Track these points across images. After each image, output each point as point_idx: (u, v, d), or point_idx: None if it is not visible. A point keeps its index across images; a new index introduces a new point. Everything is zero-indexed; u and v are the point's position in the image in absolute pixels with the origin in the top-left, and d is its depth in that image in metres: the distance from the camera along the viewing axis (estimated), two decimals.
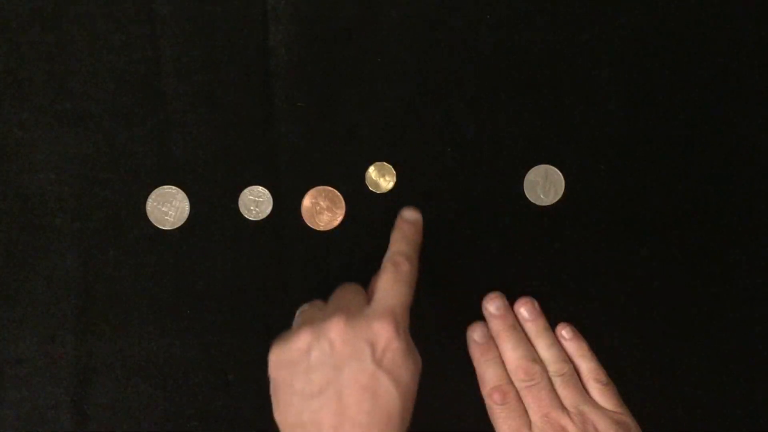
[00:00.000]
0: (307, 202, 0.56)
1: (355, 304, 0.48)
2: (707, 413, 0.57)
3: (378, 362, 0.45)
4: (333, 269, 0.56)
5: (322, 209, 0.56)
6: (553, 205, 0.56)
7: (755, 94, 0.57)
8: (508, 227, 0.56)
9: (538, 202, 0.56)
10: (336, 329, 0.46)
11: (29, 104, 0.55)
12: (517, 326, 0.54)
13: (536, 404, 0.51)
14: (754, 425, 0.57)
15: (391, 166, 0.56)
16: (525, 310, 0.54)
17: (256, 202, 0.55)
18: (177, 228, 0.55)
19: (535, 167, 0.56)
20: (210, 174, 0.55)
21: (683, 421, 0.57)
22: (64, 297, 0.55)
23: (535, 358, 0.53)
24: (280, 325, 0.56)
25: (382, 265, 0.50)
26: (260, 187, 0.55)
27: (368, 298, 0.50)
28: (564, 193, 0.56)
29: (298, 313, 0.51)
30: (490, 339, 0.54)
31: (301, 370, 0.46)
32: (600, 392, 0.52)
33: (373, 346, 0.46)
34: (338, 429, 0.44)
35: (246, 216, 0.56)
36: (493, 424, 0.52)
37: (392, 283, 0.49)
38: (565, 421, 0.50)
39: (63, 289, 0.55)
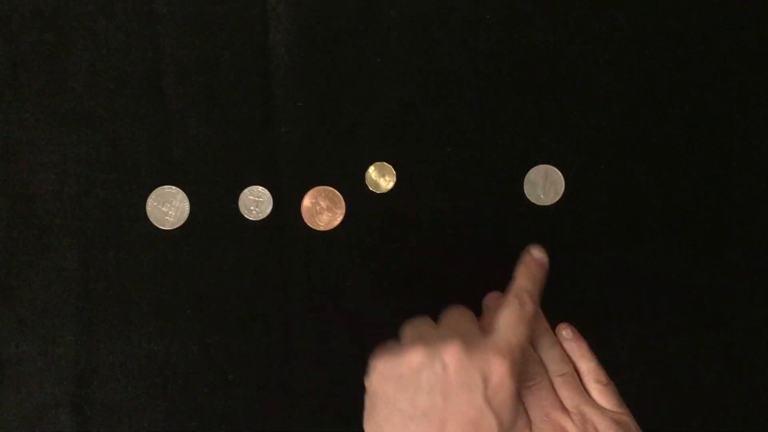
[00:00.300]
0: (307, 202, 0.56)
1: (470, 331, 0.46)
2: (707, 413, 0.57)
3: (488, 399, 0.43)
4: (333, 269, 0.56)
5: (322, 209, 0.56)
6: (553, 205, 0.56)
7: (755, 94, 0.57)
8: (508, 227, 0.56)
9: (538, 202, 0.56)
10: (452, 353, 0.43)
11: (29, 104, 0.55)
12: None
13: (536, 404, 0.51)
14: (754, 425, 0.57)
15: (391, 166, 0.56)
16: None
17: (256, 202, 0.55)
18: (177, 228, 0.55)
19: (535, 167, 0.56)
20: (210, 174, 0.55)
21: (683, 421, 0.57)
22: (64, 297, 0.55)
23: (535, 358, 0.53)
24: (279, 326, 0.56)
25: (507, 299, 0.47)
26: (260, 187, 0.55)
27: (481, 327, 0.47)
28: (564, 193, 0.56)
29: (407, 326, 0.48)
30: None
31: (408, 388, 0.44)
32: (600, 392, 0.52)
33: (486, 380, 0.43)
34: None
35: (246, 216, 0.56)
36: None
37: (516, 320, 0.46)
38: (565, 422, 0.50)
39: (63, 289, 0.55)
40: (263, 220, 0.56)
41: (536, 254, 0.51)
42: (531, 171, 0.56)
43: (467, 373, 0.43)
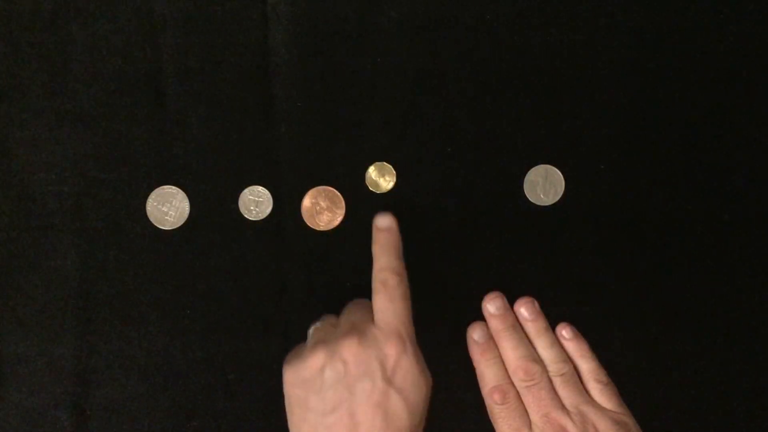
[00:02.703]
0: (307, 202, 0.56)
1: (366, 321, 0.49)
2: (707, 413, 0.57)
3: (388, 380, 0.47)
4: (333, 269, 0.56)
5: (322, 209, 0.56)
6: (553, 205, 0.56)
7: (755, 94, 0.57)
8: (508, 227, 0.56)
9: (538, 202, 0.56)
10: (349, 350, 0.47)
11: (29, 104, 0.55)
12: (517, 326, 0.54)
13: (536, 404, 0.51)
14: (754, 425, 0.57)
15: (391, 166, 0.56)
16: (525, 309, 0.55)
17: (256, 202, 0.55)
18: (177, 228, 0.55)
19: (535, 167, 0.56)
20: (210, 174, 0.55)
21: (683, 421, 0.57)
22: (64, 297, 0.55)
23: (535, 358, 0.53)
24: (279, 325, 0.56)
25: (373, 286, 0.51)
26: (260, 187, 0.55)
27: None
28: (564, 193, 0.56)
29: (311, 330, 0.52)
30: (490, 339, 0.54)
31: (315, 389, 0.47)
32: (600, 392, 0.52)
33: (383, 365, 0.47)
34: None
35: (246, 216, 0.56)
36: (493, 424, 0.52)
37: (387, 303, 0.49)
38: (565, 421, 0.50)
39: (63, 289, 0.55)
40: (263, 220, 0.56)
41: (380, 222, 0.53)
42: (531, 171, 0.56)
43: (365, 363, 0.47)
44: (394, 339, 0.48)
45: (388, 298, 0.49)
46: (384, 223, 0.53)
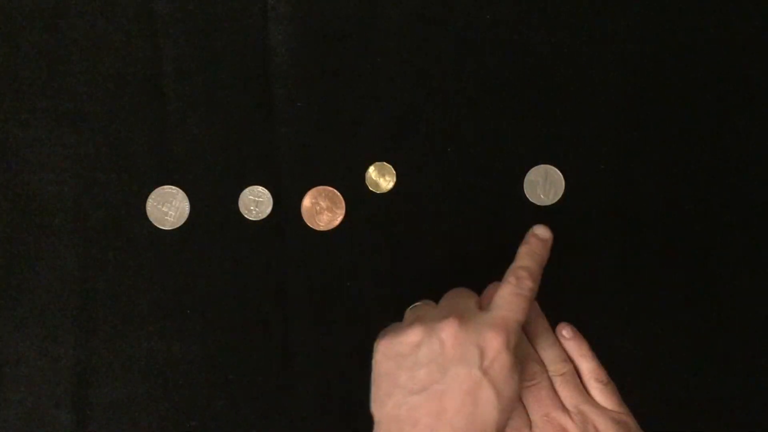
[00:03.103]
0: (307, 202, 0.56)
1: (468, 308, 0.48)
2: (707, 413, 0.57)
3: (485, 370, 0.45)
4: (333, 269, 0.56)
5: (322, 209, 0.56)
6: (553, 205, 0.56)
7: (755, 94, 0.57)
8: (508, 227, 0.56)
9: (538, 202, 0.56)
10: (448, 330, 0.45)
11: (29, 104, 0.55)
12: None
13: (536, 404, 0.51)
14: (754, 425, 0.57)
15: (391, 166, 0.56)
16: None
17: (256, 202, 0.55)
18: (177, 228, 0.55)
19: (535, 167, 0.56)
20: (210, 174, 0.55)
21: (683, 421, 0.57)
22: (64, 297, 0.55)
23: (535, 358, 0.53)
24: (279, 326, 0.56)
25: (505, 277, 0.49)
26: (260, 187, 0.55)
27: (481, 305, 0.49)
28: (564, 193, 0.56)
29: (409, 310, 0.50)
30: None
31: (408, 365, 0.45)
32: (600, 392, 0.52)
33: (482, 353, 0.45)
34: (433, 429, 0.44)
35: (246, 216, 0.56)
36: None
37: (512, 296, 0.48)
38: (565, 421, 0.50)
39: (63, 289, 0.55)
40: (263, 220, 0.56)
41: (539, 231, 0.52)
42: (531, 171, 0.56)
43: (463, 347, 0.45)
44: (501, 330, 0.46)
45: (514, 292, 0.48)
46: (544, 234, 0.52)
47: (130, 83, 0.55)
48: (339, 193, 0.56)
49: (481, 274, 0.56)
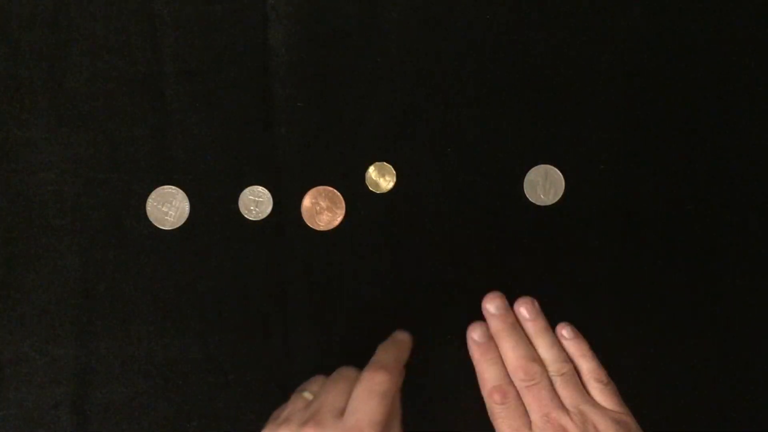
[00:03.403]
0: (307, 202, 0.56)
1: (334, 409, 0.47)
2: (707, 413, 0.57)
3: None
4: (333, 269, 0.56)
5: (322, 209, 0.56)
6: (553, 205, 0.56)
7: (755, 94, 0.57)
8: (508, 227, 0.56)
9: (538, 202, 0.56)
10: None
11: (29, 104, 0.55)
12: (517, 326, 0.54)
13: (536, 404, 0.51)
14: (754, 425, 0.57)
15: (391, 166, 0.56)
16: (525, 309, 0.54)
17: (256, 202, 0.55)
18: (177, 228, 0.55)
19: (535, 167, 0.56)
20: (210, 174, 0.55)
21: (683, 421, 0.57)
22: (64, 297, 0.55)
23: (535, 358, 0.53)
24: (279, 326, 0.56)
25: (361, 374, 0.49)
26: (260, 187, 0.55)
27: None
28: (564, 193, 0.56)
29: (296, 392, 0.51)
30: (490, 339, 0.54)
31: None
32: (600, 392, 0.52)
33: None
34: None
35: (246, 216, 0.56)
36: (493, 424, 0.52)
37: (365, 397, 0.47)
38: (565, 421, 0.50)
39: (63, 289, 0.55)
40: (263, 220, 0.56)
41: (398, 335, 0.54)
42: (531, 171, 0.56)
43: None
44: None
45: (367, 392, 0.47)
46: (401, 335, 0.54)
47: (130, 83, 0.55)
48: (339, 193, 0.56)
49: (481, 274, 0.56)
